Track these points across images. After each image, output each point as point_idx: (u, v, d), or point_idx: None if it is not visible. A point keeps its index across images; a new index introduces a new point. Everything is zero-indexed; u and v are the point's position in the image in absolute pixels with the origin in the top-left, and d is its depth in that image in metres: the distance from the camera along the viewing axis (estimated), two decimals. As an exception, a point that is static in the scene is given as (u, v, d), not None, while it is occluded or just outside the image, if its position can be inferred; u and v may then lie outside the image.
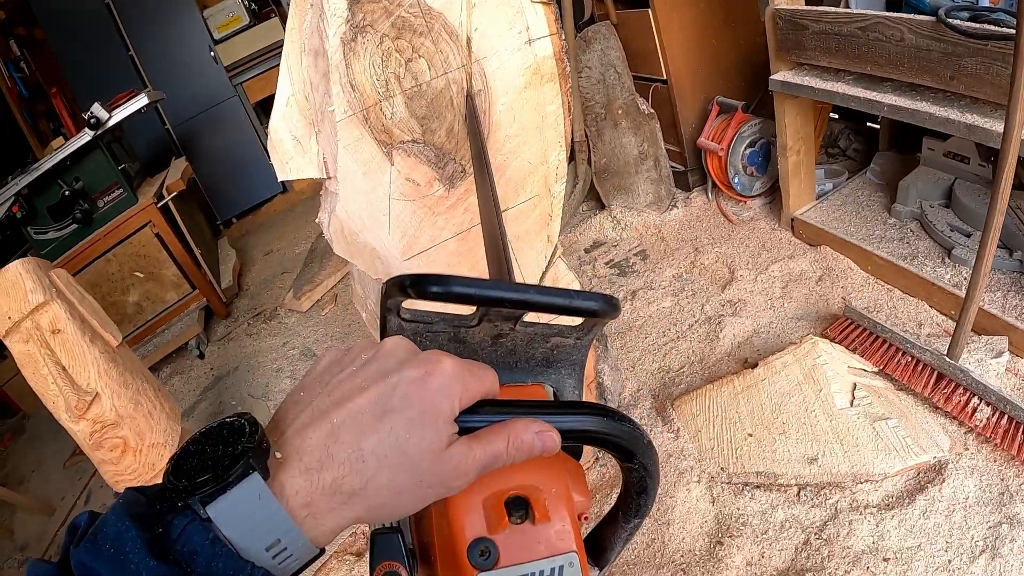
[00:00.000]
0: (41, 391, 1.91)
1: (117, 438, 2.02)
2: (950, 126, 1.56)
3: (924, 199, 2.15)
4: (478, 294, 0.42)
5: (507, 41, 1.16)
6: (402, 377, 0.38)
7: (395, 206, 1.21)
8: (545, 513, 0.41)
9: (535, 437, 0.39)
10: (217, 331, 3.65)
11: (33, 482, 3.27)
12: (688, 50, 2.52)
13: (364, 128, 1.13)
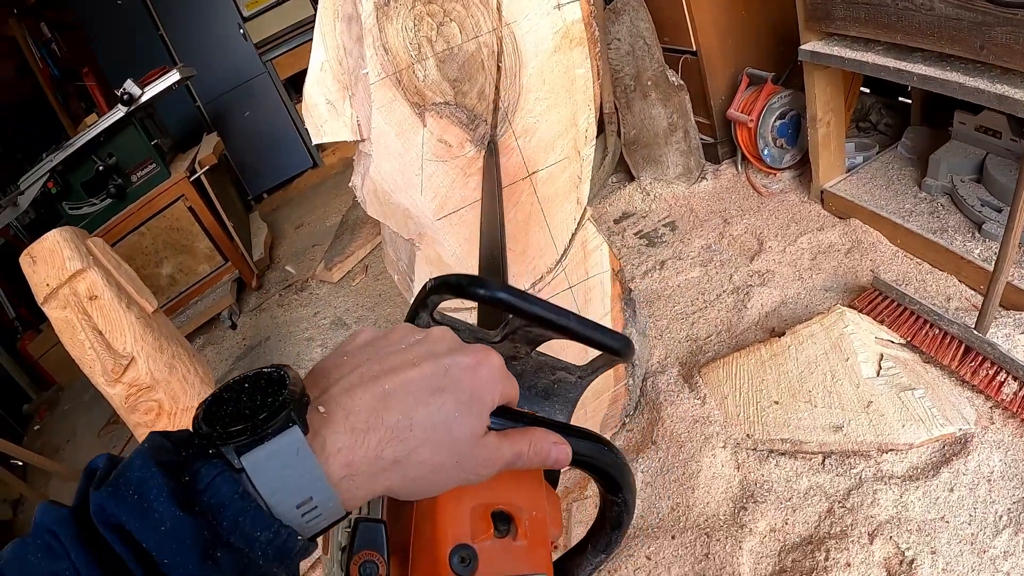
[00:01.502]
0: (78, 356, 1.96)
1: (152, 401, 2.07)
2: (980, 96, 1.53)
3: (955, 173, 2.11)
4: (522, 306, 0.43)
5: (536, 5, 1.17)
6: (454, 361, 0.38)
7: (427, 167, 1.24)
8: (526, 532, 0.42)
9: (552, 447, 0.41)
10: (249, 302, 3.73)
11: (67, 451, 3.40)
12: (717, 21, 2.49)
13: (397, 90, 1.15)
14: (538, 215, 1.34)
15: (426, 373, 0.37)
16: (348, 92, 1.22)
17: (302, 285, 3.59)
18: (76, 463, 3.18)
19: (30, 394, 4.04)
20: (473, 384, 0.38)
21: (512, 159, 1.26)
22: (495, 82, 1.18)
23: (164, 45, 4.53)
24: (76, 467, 3.12)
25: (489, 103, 1.20)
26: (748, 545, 1.46)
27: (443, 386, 0.37)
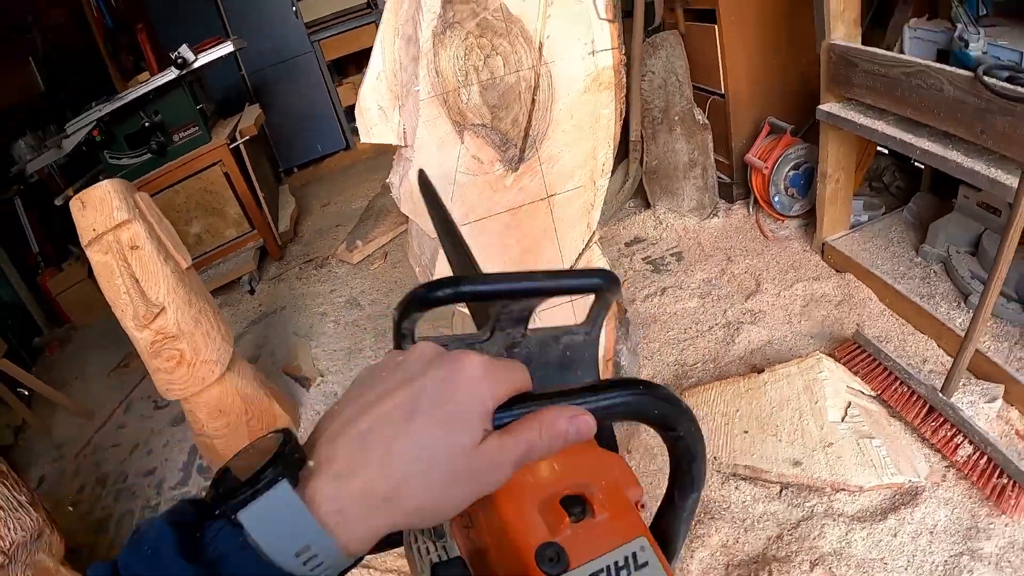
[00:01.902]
0: (112, 299, 2.10)
1: (175, 350, 2.20)
2: (975, 177, 1.66)
3: (952, 244, 2.23)
4: (486, 289, 0.43)
5: (574, 50, 1.31)
6: (428, 378, 0.37)
7: (460, 178, 1.38)
8: (603, 505, 0.40)
9: (568, 423, 0.38)
10: (269, 271, 3.89)
11: (75, 388, 3.51)
12: (748, 68, 2.62)
13: (443, 108, 1.30)
14: (551, 232, 1.48)
15: (399, 402, 0.37)
16: (399, 102, 1.37)
17: (322, 262, 3.75)
18: (83, 399, 3.30)
19: (43, 328, 4.17)
20: (450, 397, 0.37)
21: (535, 181, 1.41)
22: (528, 112, 1.33)
23: (217, 11, 4.68)
24: (84, 402, 3.23)
25: (521, 130, 1.34)
26: (699, 555, 1.59)
27: (419, 409, 0.36)
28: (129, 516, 2.47)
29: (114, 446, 2.92)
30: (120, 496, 2.60)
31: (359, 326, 3.07)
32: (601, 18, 1.32)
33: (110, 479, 2.72)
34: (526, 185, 1.41)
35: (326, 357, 2.95)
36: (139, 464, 2.73)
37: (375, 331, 2.99)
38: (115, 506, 2.56)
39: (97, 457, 2.89)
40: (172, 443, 2.79)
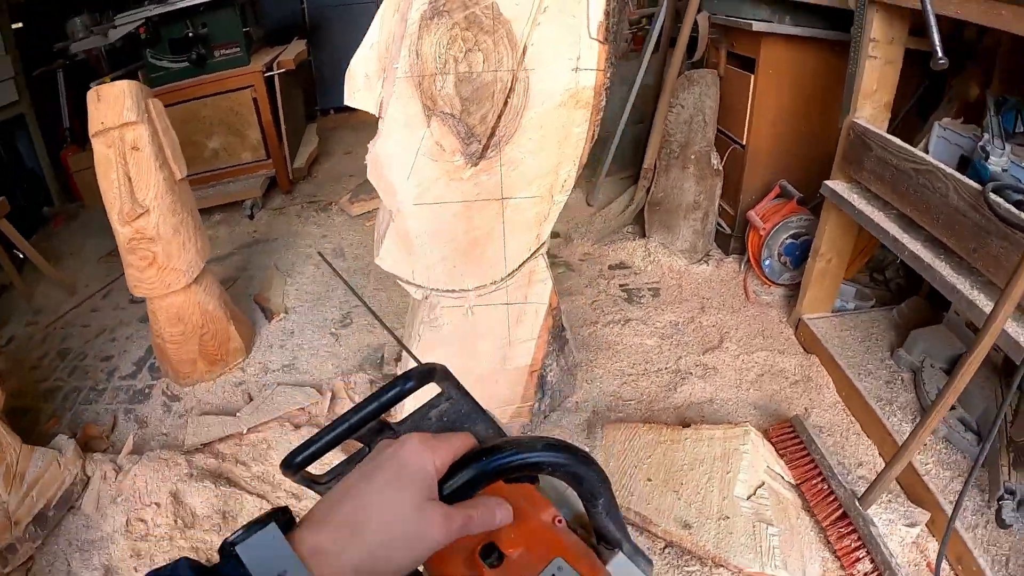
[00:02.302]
0: (105, 190, 2.18)
1: (149, 251, 2.27)
2: (955, 295, 1.59)
3: (929, 356, 2.15)
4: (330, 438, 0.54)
5: (557, 62, 1.31)
6: (383, 456, 0.48)
7: (420, 160, 1.39)
8: (515, 542, 0.47)
9: (496, 512, 0.48)
10: (274, 201, 3.94)
11: (67, 262, 3.63)
12: (774, 126, 2.57)
13: (416, 90, 1.30)
14: (499, 234, 1.48)
15: (362, 472, 0.47)
16: (384, 74, 1.38)
17: (324, 206, 3.79)
18: (70, 276, 3.41)
19: (55, 199, 4.29)
20: (396, 463, 0.47)
21: (492, 180, 1.41)
22: (499, 113, 1.33)
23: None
24: (71, 278, 3.34)
25: (488, 128, 1.34)
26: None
27: (373, 476, 0.46)
28: (75, 393, 2.55)
29: (84, 326, 3.04)
30: (74, 372, 2.70)
31: (336, 276, 3.11)
32: (592, 37, 1.30)
33: (70, 354, 2.82)
34: (482, 182, 1.41)
35: (296, 296, 2.99)
36: (100, 348, 2.83)
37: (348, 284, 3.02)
38: (67, 381, 2.65)
39: (66, 332, 2.99)
40: (135, 338, 2.87)
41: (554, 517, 0.50)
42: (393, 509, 0.45)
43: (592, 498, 0.50)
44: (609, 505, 0.51)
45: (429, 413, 0.58)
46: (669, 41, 3.09)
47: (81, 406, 2.47)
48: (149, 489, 1.95)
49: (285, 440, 2.08)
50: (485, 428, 0.57)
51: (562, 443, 0.49)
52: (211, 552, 1.78)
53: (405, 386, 0.55)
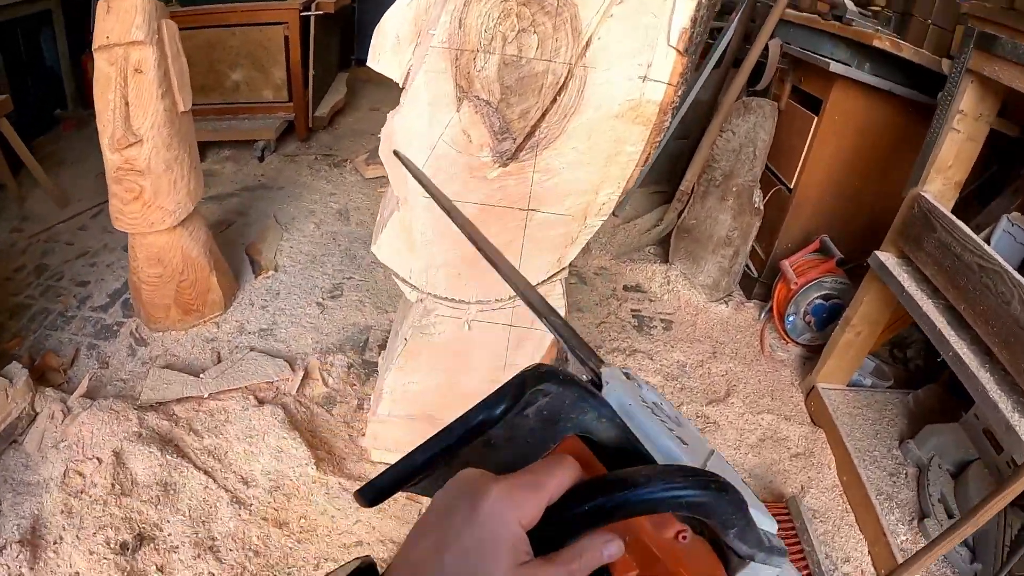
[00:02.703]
0: (99, 110, 2.03)
1: (136, 185, 2.13)
2: (994, 412, 1.43)
3: (939, 455, 2.00)
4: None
5: (624, 65, 1.11)
6: (454, 514, 0.40)
7: (441, 147, 1.20)
8: (627, 568, 0.41)
9: (603, 550, 0.40)
10: (287, 147, 3.76)
11: (66, 170, 3.50)
12: (828, 176, 2.38)
13: (452, 66, 1.11)
14: (516, 248, 1.30)
15: (432, 542, 0.39)
16: (417, 39, 1.19)
17: (339, 162, 3.61)
18: (67, 187, 3.28)
19: (68, 104, 4.13)
20: (472, 532, 0.39)
21: (520, 187, 1.22)
22: (543, 110, 1.14)
23: None
24: (65, 190, 3.22)
25: (527, 126, 1.15)
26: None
27: (451, 540, 0.39)
28: (43, 316, 2.44)
29: (67, 243, 2.91)
30: (47, 292, 2.58)
31: (335, 239, 2.94)
32: (671, 45, 1.11)
33: (47, 272, 2.70)
34: (508, 187, 1.22)
35: (290, 254, 2.82)
36: (78, 271, 2.70)
37: (345, 251, 2.85)
38: (38, 300, 2.54)
39: (48, 246, 2.87)
40: (115, 267, 2.73)
41: (678, 533, 0.42)
42: None
43: (725, 527, 0.42)
44: (744, 529, 0.42)
45: (526, 411, 0.46)
46: (733, 61, 2.88)
47: (47, 331, 2.36)
48: (94, 441, 1.84)
49: (244, 415, 1.92)
50: (596, 418, 0.47)
51: (694, 472, 0.40)
52: (144, 525, 1.64)
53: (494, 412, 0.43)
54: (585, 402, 0.46)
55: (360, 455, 1.87)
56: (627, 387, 0.49)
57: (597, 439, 0.46)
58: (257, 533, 1.67)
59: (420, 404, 1.54)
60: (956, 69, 1.69)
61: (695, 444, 0.46)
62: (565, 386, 0.46)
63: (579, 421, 0.46)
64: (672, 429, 0.46)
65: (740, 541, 0.42)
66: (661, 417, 0.47)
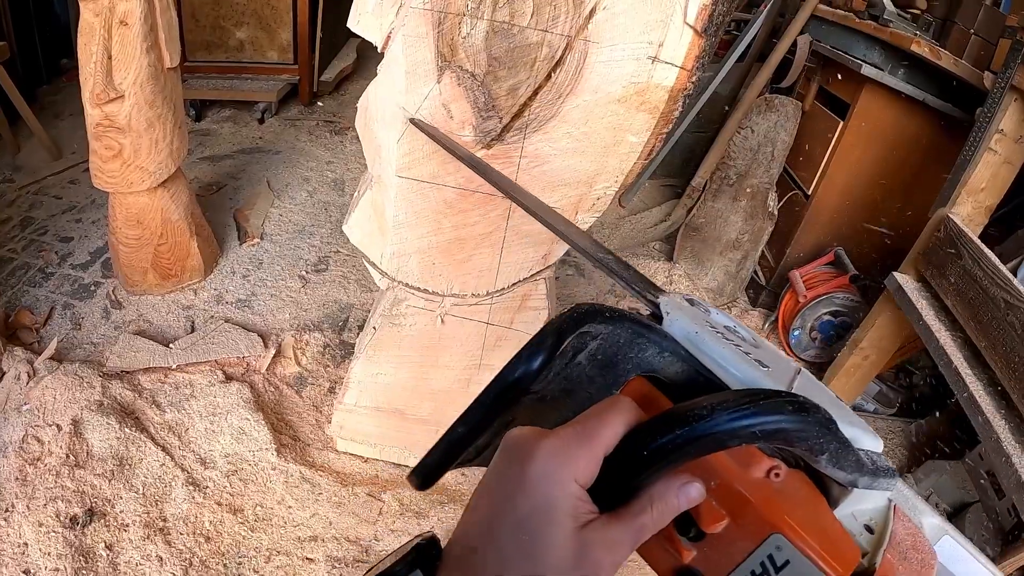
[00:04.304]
0: (82, 62, 1.94)
1: (116, 142, 2.04)
2: (1006, 466, 1.30)
3: (936, 494, 1.89)
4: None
5: (631, 42, 0.98)
6: (504, 482, 0.37)
7: (419, 121, 1.08)
8: (714, 514, 0.36)
9: (678, 497, 0.36)
10: (289, 111, 3.64)
11: (64, 122, 3.40)
12: (848, 185, 2.24)
13: (433, 30, 0.98)
14: (497, 240, 1.18)
15: (496, 505, 0.36)
16: (401, 1, 1.06)
17: (341, 130, 3.49)
18: (62, 139, 3.20)
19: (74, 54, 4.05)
20: (527, 492, 0.35)
21: (506, 171, 1.10)
22: (536, 87, 1.01)
23: None
24: (59, 141, 3.14)
25: (516, 104, 1.02)
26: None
27: (506, 508, 0.35)
28: (23, 271, 2.37)
29: (56, 197, 2.83)
30: (30, 247, 2.50)
31: (327, 210, 2.83)
32: (687, 23, 0.98)
33: (32, 225, 2.62)
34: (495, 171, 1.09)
35: (278, 222, 2.72)
36: (62, 227, 2.62)
37: (336, 223, 2.74)
38: (20, 255, 2.46)
39: (36, 199, 2.79)
40: (101, 224, 2.66)
41: (770, 470, 0.37)
42: (540, 561, 0.34)
43: (815, 453, 0.36)
44: (838, 453, 0.37)
45: (577, 359, 0.42)
46: (758, 55, 2.72)
47: (25, 287, 2.29)
48: (56, 407, 1.77)
49: (210, 391, 1.83)
50: (657, 353, 0.41)
51: (765, 395, 0.34)
52: (96, 500, 1.57)
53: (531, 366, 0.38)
54: (643, 337, 0.41)
55: (326, 443, 1.77)
56: (691, 314, 0.43)
57: (664, 377, 0.41)
58: (210, 518, 1.58)
59: (388, 396, 1.43)
60: (999, 85, 1.54)
61: (777, 365, 0.40)
62: (616, 323, 0.41)
63: (640, 360, 0.41)
64: (749, 352, 0.40)
65: (836, 467, 0.37)
66: (735, 341, 0.41)
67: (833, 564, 0.35)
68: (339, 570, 1.46)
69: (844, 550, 0.36)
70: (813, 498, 0.38)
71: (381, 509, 1.59)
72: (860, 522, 0.39)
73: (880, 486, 0.39)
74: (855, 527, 0.39)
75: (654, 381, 0.41)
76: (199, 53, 3.39)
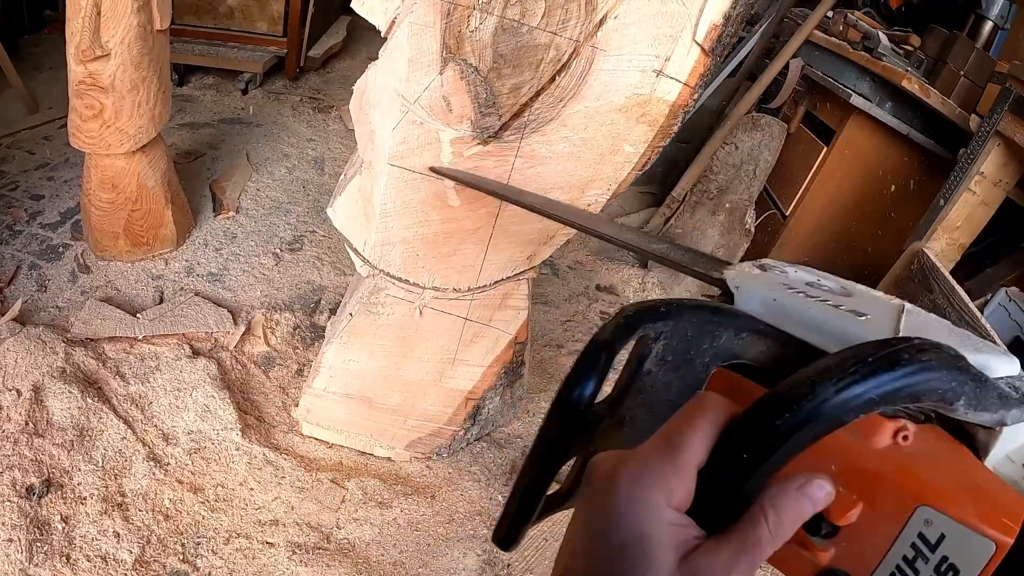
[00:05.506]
0: (69, 16, 1.87)
1: (97, 102, 1.97)
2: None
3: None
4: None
5: (638, 54, 0.99)
6: (590, 521, 0.32)
7: (416, 111, 1.07)
8: (843, 504, 0.31)
9: (801, 498, 0.30)
10: (274, 84, 3.57)
11: (43, 76, 3.29)
12: (827, 210, 2.30)
13: (441, 20, 0.97)
14: (484, 237, 1.18)
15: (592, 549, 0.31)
16: (410, -18, 1.05)
17: (325, 107, 3.43)
18: (39, 93, 3.08)
19: (59, 5, 3.90)
20: (606, 539, 0.31)
21: (498, 169, 1.10)
22: (538, 89, 1.01)
23: None
24: (36, 95, 3.03)
25: (517, 104, 1.02)
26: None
27: (600, 556, 0.31)
28: None
29: (29, 152, 2.73)
30: None
31: (305, 188, 2.79)
32: (695, 40, 0.99)
33: (2, 180, 2.53)
34: (486, 168, 1.09)
35: (255, 196, 2.66)
36: (33, 184, 2.53)
37: (314, 202, 2.71)
38: None
39: (8, 152, 2.69)
40: (73, 184, 2.58)
41: (896, 433, 0.31)
42: None
43: (949, 403, 0.30)
44: (976, 395, 0.30)
45: (645, 368, 0.36)
46: (749, 73, 2.77)
47: None
48: (17, 371, 1.72)
49: (176, 365, 1.79)
50: (733, 336, 0.36)
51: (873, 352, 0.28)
52: (53, 470, 1.53)
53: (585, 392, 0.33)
54: (712, 323, 0.35)
55: (291, 426, 1.75)
56: (764, 281, 0.38)
57: (751, 361, 0.36)
58: (170, 496, 1.55)
59: (359, 384, 1.42)
60: (984, 129, 1.60)
61: (877, 309, 0.35)
62: (676, 316, 0.35)
63: (717, 349, 0.36)
64: (840, 305, 0.35)
65: (977, 410, 0.31)
66: (821, 296, 0.36)
67: (996, 522, 0.29)
68: (299, 556, 1.45)
69: (1007, 503, 0.30)
70: (955, 452, 0.32)
71: (344, 497, 1.58)
72: (1019, 463, 0.33)
73: None
74: (1015, 471, 0.33)
75: (740, 369, 0.36)
76: (187, 17, 3.29)
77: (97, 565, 1.41)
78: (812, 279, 0.39)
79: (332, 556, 1.46)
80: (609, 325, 0.35)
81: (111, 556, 1.43)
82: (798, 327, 0.35)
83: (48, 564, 1.39)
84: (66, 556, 1.41)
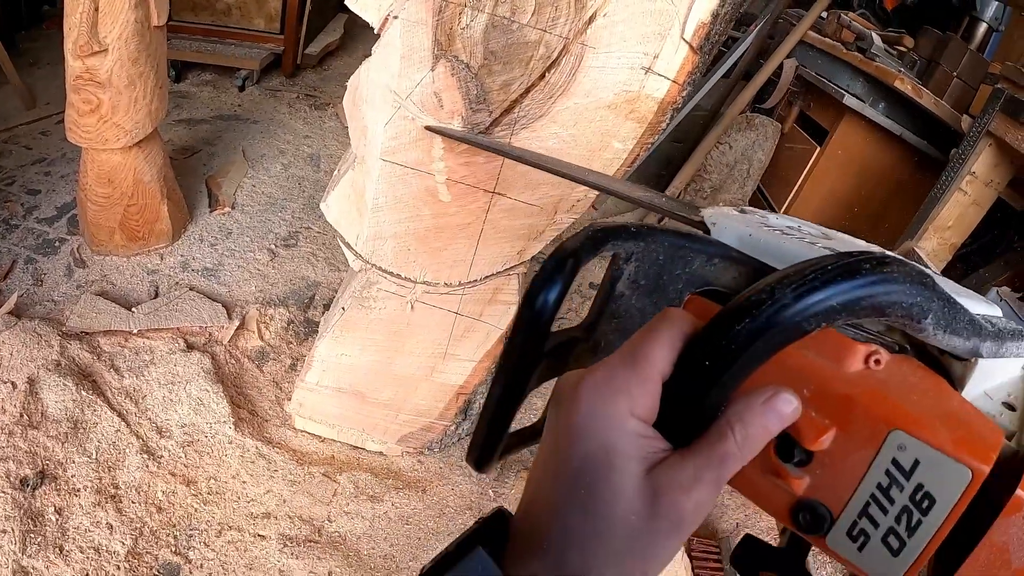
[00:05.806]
0: (68, 11, 1.89)
1: (94, 97, 1.98)
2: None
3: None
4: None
5: (627, 51, 1.00)
6: (555, 436, 0.32)
7: (408, 107, 1.08)
8: (815, 428, 0.30)
9: (765, 414, 0.29)
10: (270, 81, 3.58)
11: (41, 71, 3.29)
12: (820, 210, 2.32)
13: (433, 17, 0.98)
14: (475, 232, 1.19)
15: (553, 469, 0.31)
16: (403, -20, 1.06)
17: (322, 104, 3.44)
18: (36, 88, 3.09)
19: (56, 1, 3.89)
20: (573, 447, 0.30)
21: (488, 165, 1.11)
22: (529, 85, 1.02)
23: None
24: (34, 91, 3.04)
25: (508, 100, 1.03)
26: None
27: (563, 472, 0.31)
28: None
29: (26, 147, 2.74)
30: None
31: (301, 184, 2.80)
32: (684, 38, 1.00)
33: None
34: (476, 163, 1.11)
35: (250, 193, 2.67)
36: (30, 179, 2.54)
37: (309, 199, 2.72)
38: None
39: (5, 147, 2.70)
40: (70, 179, 2.58)
41: (868, 357, 0.31)
42: (605, 516, 0.29)
43: (916, 321, 0.29)
44: (946, 315, 0.30)
45: (618, 290, 0.36)
46: (743, 73, 2.78)
47: None
48: (12, 364, 1.72)
49: (170, 359, 1.80)
50: (706, 262, 0.35)
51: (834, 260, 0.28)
52: (48, 462, 1.53)
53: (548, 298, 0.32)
54: (685, 248, 0.35)
55: (284, 420, 1.76)
56: (742, 219, 0.38)
57: (723, 287, 0.35)
58: (163, 488, 1.56)
59: (351, 378, 1.43)
60: (976, 129, 1.61)
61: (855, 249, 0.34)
62: (647, 238, 0.34)
63: (690, 275, 0.35)
64: (815, 243, 0.35)
65: (947, 332, 0.30)
66: (799, 235, 0.36)
67: (972, 449, 0.28)
68: (290, 548, 1.46)
69: (983, 431, 0.29)
70: (930, 381, 0.31)
71: (336, 490, 1.59)
72: (997, 400, 0.33)
73: (1010, 352, 0.32)
74: (992, 407, 0.33)
75: (714, 297, 0.35)
76: (185, 13, 3.30)
77: (90, 556, 1.42)
78: (793, 224, 0.39)
79: (323, 549, 1.48)
80: (577, 236, 0.34)
81: (104, 548, 1.44)
82: (772, 259, 0.34)
83: (41, 555, 1.40)
84: (59, 547, 1.42)
